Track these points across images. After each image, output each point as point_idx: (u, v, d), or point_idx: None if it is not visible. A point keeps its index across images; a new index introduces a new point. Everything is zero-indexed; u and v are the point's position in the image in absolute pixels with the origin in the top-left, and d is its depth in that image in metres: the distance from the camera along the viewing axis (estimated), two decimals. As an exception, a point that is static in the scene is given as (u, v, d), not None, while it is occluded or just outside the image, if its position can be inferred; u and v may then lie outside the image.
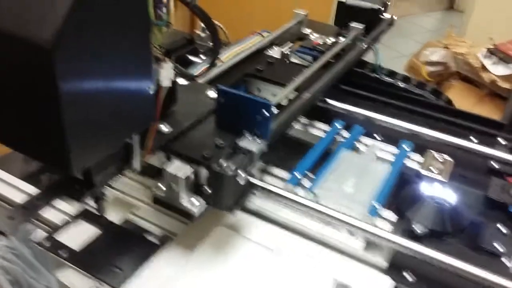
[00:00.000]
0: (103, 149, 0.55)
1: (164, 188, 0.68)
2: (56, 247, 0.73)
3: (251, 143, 0.72)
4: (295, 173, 0.84)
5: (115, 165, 0.64)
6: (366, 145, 0.97)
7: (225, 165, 0.67)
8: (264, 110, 0.70)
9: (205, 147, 0.70)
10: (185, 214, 0.69)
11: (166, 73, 0.62)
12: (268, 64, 1.06)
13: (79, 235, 0.74)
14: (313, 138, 0.98)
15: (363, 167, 0.88)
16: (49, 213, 0.78)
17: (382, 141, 0.99)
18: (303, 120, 1.04)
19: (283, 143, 0.94)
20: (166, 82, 0.63)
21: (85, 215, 0.78)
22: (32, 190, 0.79)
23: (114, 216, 0.78)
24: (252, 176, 0.73)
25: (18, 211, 0.60)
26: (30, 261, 1.08)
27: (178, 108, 0.76)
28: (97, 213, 0.71)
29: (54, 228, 0.76)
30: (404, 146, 0.95)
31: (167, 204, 0.70)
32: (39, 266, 1.11)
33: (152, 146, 0.66)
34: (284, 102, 0.90)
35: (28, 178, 0.85)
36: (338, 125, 1.00)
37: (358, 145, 0.97)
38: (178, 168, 0.66)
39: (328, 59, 1.06)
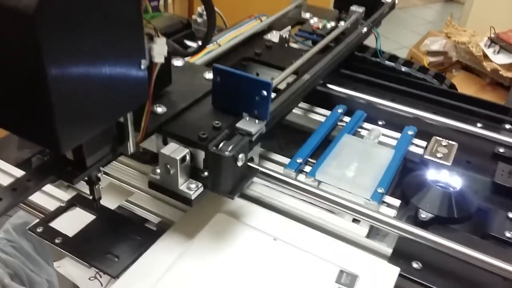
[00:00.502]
0: (93, 126, 0.52)
1: (159, 171, 0.65)
2: (49, 233, 0.70)
3: (250, 124, 0.69)
4: (296, 158, 0.82)
5: (109, 146, 0.61)
6: (368, 130, 0.94)
7: (222, 146, 0.64)
8: (262, 89, 0.67)
9: (202, 128, 0.67)
10: (182, 199, 0.66)
11: (159, 49, 0.59)
12: (267, 48, 1.03)
13: (73, 222, 0.72)
14: (315, 124, 0.95)
15: (366, 152, 0.85)
16: (42, 199, 0.76)
17: (384, 126, 0.96)
18: (304, 105, 1.01)
19: (283, 129, 0.91)
20: (159, 58, 0.60)
21: (79, 201, 0.75)
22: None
23: (109, 203, 0.76)
24: (252, 160, 0.70)
25: (6, 191, 0.57)
26: (29, 254, 1.06)
27: (174, 89, 0.73)
28: (91, 198, 0.68)
29: (47, 214, 0.73)
30: (407, 131, 0.93)
31: (162, 189, 0.67)
32: (39, 259, 1.09)
33: (146, 127, 0.63)
34: (283, 86, 0.88)
35: (22, 165, 0.83)
36: (339, 110, 0.97)
37: (360, 130, 0.95)
38: (173, 150, 0.63)
39: (328, 42, 1.03)
